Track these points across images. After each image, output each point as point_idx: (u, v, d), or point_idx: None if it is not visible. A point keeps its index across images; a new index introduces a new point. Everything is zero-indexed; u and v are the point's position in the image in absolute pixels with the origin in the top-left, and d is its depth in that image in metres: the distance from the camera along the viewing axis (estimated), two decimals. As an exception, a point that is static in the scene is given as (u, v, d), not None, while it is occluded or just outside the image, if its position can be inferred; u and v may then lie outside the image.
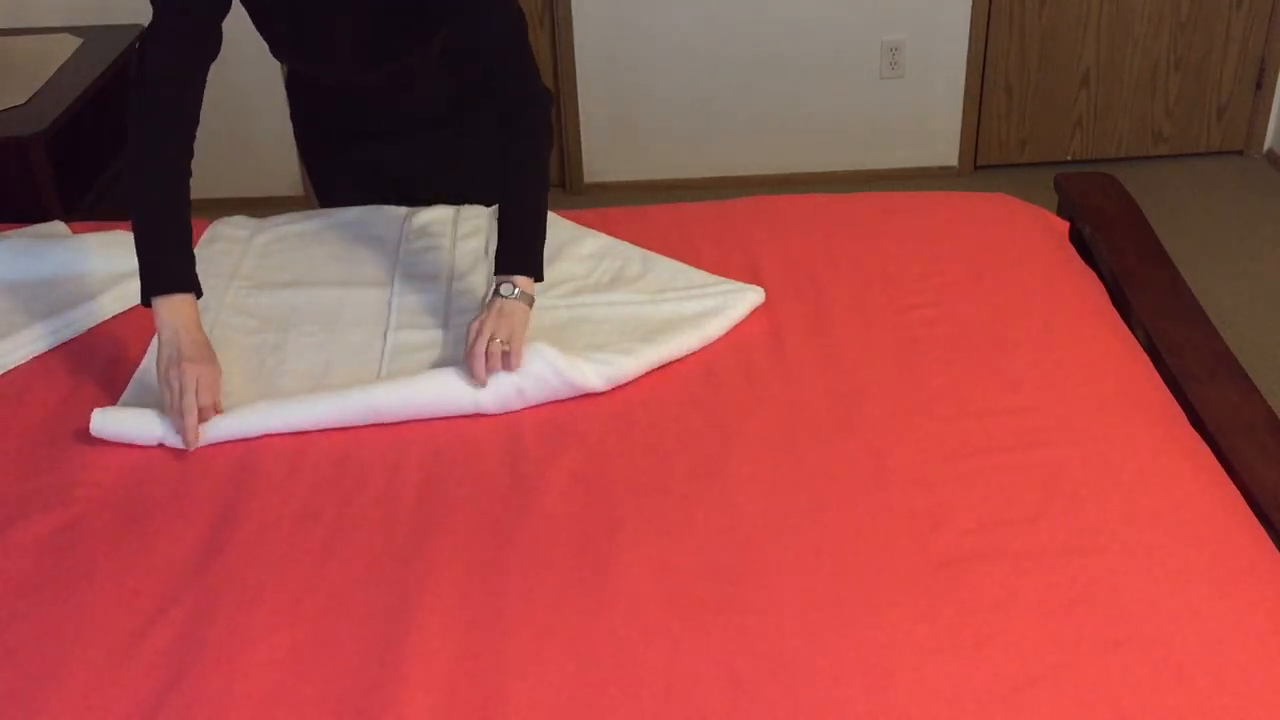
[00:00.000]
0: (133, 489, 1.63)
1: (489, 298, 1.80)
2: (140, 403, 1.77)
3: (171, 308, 1.72)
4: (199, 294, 1.76)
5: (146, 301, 1.73)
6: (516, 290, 1.78)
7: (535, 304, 1.84)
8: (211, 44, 1.81)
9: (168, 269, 1.73)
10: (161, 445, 1.70)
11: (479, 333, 1.74)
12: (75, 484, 1.64)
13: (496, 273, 1.81)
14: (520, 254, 1.81)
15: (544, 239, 1.84)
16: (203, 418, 1.69)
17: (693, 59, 3.99)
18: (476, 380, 1.72)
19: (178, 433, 1.68)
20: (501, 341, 1.73)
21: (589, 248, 2.10)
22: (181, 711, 1.30)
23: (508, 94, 1.85)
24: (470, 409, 1.74)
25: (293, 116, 2.26)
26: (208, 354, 1.72)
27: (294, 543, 1.53)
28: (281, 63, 2.08)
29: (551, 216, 2.03)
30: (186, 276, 1.74)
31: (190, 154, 1.79)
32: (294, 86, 2.22)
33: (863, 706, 1.27)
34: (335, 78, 2.06)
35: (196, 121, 1.80)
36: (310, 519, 1.57)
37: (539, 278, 1.82)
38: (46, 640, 1.40)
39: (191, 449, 1.68)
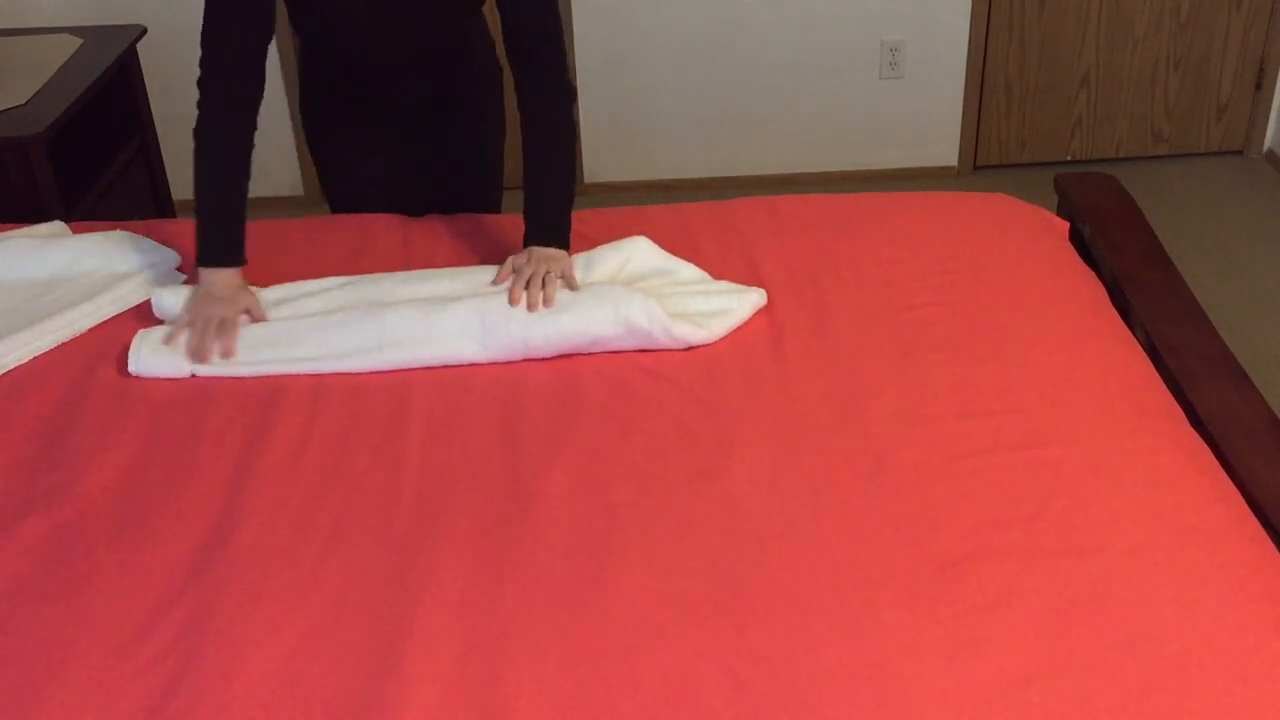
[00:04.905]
0: (133, 489, 1.63)
1: (519, 254, 1.96)
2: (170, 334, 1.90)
3: (216, 272, 1.94)
4: (243, 263, 1.96)
5: (198, 265, 1.94)
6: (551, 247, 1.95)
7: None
8: (267, 20, 1.93)
9: (216, 243, 1.95)
10: (194, 376, 1.85)
11: (523, 267, 1.92)
12: (75, 484, 1.64)
13: (526, 244, 1.97)
14: (551, 228, 1.98)
15: (570, 213, 2.01)
16: (222, 352, 1.87)
17: (693, 59, 3.98)
18: (516, 303, 1.87)
19: (191, 360, 1.86)
20: (553, 274, 1.90)
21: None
22: (182, 711, 1.30)
23: (541, 67, 1.98)
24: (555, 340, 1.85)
25: (302, 99, 2.28)
26: (235, 295, 1.92)
27: (294, 543, 1.53)
28: (300, 28, 2.11)
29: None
30: (235, 252, 1.95)
31: (254, 127, 1.96)
32: (308, 63, 2.24)
33: (862, 706, 1.27)
34: (355, 34, 2.08)
35: (260, 97, 1.96)
36: (310, 519, 1.57)
37: (567, 249, 1.98)
38: (46, 640, 1.40)
39: (198, 366, 1.85)
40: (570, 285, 1.91)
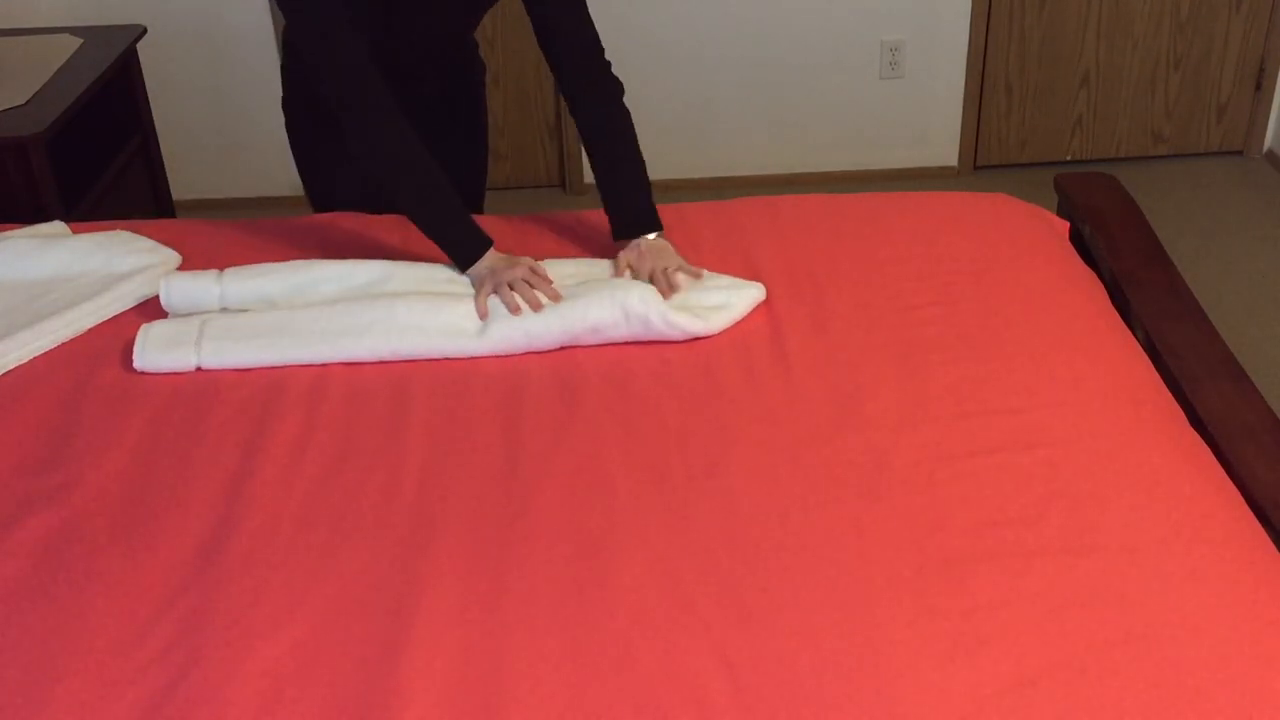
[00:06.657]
0: (133, 489, 1.63)
1: (626, 249, 2.01)
2: (172, 329, 1.89)
3: (482, 263, 1.94)
4: (491, 243, 1.96)
5: (464, 270, 1.96)
6: (652, 235, 2.02)
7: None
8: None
9: (464, 243, 1.95)
10: (199, 369, 1.86)
11: (638, 265, 1.97)
12: (75, 484, 1.64)
13: (618, 237, 2.04)
14: (640, 215, 2.04)
15: (653, 197, 2.06)
16: (551, 297, 1.88)
17: (693, 59, 3.98)
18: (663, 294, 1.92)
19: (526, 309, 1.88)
20: (672, 270, 1.95)
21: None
22: (182, 711, 1.30)
23: (591, 62, 2.09)
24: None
25: (288, 107, 2.25)
26: (512, 261, 1.93)
27: (294, 541, 1.53)
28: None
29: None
30: (478, 241, 1.95)
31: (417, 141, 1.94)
32: (295, 74, 2.21)
33: (862, 706, 1.27)
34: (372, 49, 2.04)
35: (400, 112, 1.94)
36: (310, 517, 1.57)
37: (660, 230, 2.04)
38: (46, 640, 1.40)
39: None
40: (686, 271, 1.97)
